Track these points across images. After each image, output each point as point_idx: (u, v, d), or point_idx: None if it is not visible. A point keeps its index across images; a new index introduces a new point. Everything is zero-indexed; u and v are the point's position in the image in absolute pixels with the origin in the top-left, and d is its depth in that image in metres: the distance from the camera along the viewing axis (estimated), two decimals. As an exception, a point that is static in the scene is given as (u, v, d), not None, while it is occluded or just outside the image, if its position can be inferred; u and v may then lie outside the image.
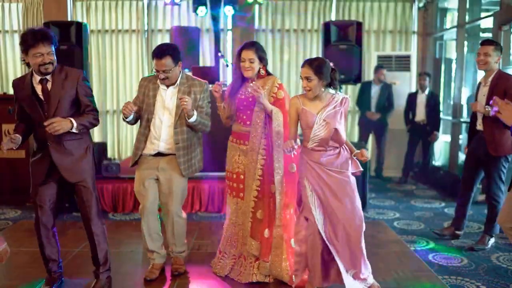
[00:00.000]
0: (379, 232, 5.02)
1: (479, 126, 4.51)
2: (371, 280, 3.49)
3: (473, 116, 4.66)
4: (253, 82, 3.62)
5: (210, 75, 6.13)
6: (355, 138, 8.09)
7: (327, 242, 3.35)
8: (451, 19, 8.65)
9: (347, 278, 3.36)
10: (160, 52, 3.50)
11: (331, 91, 3.40)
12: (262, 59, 3.65)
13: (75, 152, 3.37)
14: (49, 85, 3.29)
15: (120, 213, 5.70)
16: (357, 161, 3.42)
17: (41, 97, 3.28)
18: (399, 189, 7.16)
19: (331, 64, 3.36)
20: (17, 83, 3.37)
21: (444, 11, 8.64)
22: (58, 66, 3.33)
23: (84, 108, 3.38)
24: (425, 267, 4.10)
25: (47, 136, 3.26)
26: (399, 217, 5.72)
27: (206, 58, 8.15)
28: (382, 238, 4.85)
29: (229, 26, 8.31)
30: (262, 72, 3.68)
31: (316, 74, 3.26)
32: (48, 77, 3.29)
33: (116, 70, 8.45)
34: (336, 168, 3.34)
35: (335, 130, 3.30)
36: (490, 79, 4.40)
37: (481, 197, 6.16)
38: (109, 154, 8.00)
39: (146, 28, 8.41)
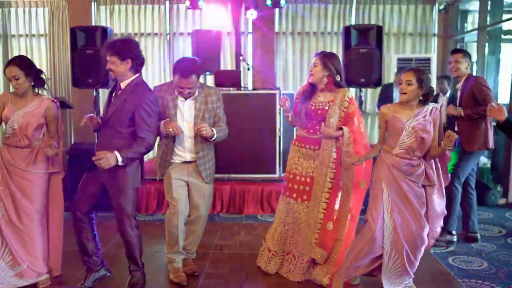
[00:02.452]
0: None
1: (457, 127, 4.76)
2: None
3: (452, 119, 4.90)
4: (322, 93, 3.79)
5: (232, 78, 6.24)
6: (375, 140, 8.09)
7: (385, 249, 3.45)
8: (472, 21, 8.62)
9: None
10: (186, 71, 3.53)
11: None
12: (326, 66, 3.72)
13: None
14: (119, 93, 3.44)
15: (143, 214, 5.83)
16: (430, 174, 3.47)
17: (112, 99, 3.48)
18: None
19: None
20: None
21: (465, 13, 8.61)
22: (136, 81, 3.43)
23: (137, 129, 3.38)
24: (445, 270, 4.14)
25: (101, 136, 3.50)
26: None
27: (227, 62, 8.27)
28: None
29: (250, 29, 8.42)
30: (325, 80, 3.74)
31: (418, 81, 3.34)
32: (122, 85, 3.43)
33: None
34: (414, 178, 3.42)
35: (422, 140, 3.37)
36: (461, 83, 4.69)
37: (502, 201, 6.15)
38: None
39: (168, 32, 8.55)
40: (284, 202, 3.97)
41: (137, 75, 3.45)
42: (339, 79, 3.77)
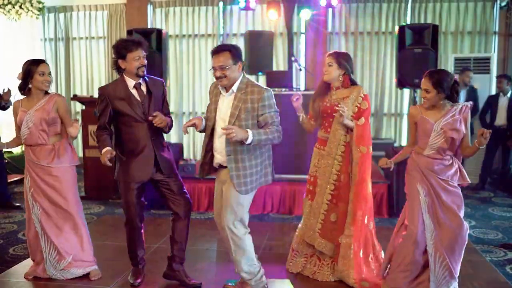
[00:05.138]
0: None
1: None
2: None
3: None
4: (337, 91, 3.77)
5: (283, 79, 6.24)
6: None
7: (429, 251, 3.39)
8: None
9: None
10: (217, 48, 3.30)
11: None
12: (341, 65, 3.71)
13: (165, 147, 3.66)
14: (143, 88, 3.58)
15: (195, 212, 5.93)
16: (465, 173, 3.42)
17: (138, 98, 3.55)
18: (475, 196, 6.92)
19: (455, 77, 3.37)
20: (111, 90, 3.58)
21: (529, 10, 8.23)
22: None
23: (164, 111, 3.66)
24: (502, 279, 3.97)
25: (151, 133, 3.54)
26: (475, 225, 5.55)
27: (279, 62, 8.28)
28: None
29: (302, 29, 8.39)
30: (341, 78, 3.74)
31: (435, 88, 3.28)
32: (141, 80, 3.58)
33: (193, 73, 8.78)
34: (447, 178, 3.37)
35: (452, 140, 3.33)
36: None
37: None
38: (185, 155, 8.34)
39: (221, 33, 8.67)
40: (307, 205, 3.95)
41: None
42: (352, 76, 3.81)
